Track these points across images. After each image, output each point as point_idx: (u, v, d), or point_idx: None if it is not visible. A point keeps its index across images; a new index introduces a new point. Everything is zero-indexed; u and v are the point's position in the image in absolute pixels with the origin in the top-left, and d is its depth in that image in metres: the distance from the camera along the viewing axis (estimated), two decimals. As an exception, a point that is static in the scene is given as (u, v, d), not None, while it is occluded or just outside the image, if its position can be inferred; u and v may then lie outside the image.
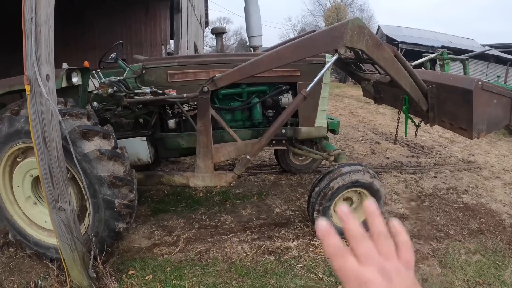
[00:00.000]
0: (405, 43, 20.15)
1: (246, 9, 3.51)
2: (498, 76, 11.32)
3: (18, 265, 2.81)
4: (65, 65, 3.54)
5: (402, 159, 5.63)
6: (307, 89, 2.95)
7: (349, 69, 4.39)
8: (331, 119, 3.92)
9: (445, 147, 6.51)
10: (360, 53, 3.62)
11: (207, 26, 22.45)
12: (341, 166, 3.17)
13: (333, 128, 3.86)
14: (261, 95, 3.49)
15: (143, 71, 3.14)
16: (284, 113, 3.02)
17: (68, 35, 8.80)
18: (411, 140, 6.68)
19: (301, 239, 3.23)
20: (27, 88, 2.03)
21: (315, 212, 3.09)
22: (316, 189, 3.13)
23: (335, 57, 3.00)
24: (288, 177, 4.71)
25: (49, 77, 2.10)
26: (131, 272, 2.74)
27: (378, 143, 6.57)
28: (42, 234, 2.86)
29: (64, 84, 2.70)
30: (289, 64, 3.21)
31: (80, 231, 2.49)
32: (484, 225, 3.63)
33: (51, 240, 2.70)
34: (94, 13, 9.20)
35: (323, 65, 3.31)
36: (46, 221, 2.79)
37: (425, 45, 19.00)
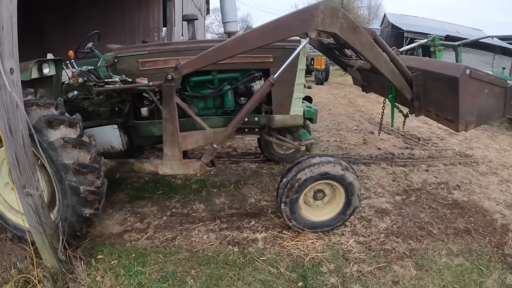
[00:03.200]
0: (410, 31, 20.36)
1: (220, -6, 3.67)
2: (503, 68, 11.25)
3: (0, 247, 3.17)
4: (49, 55, 3.84)
5: (394, 150, 5.76)
6: (275, 76, 3.03)
7: (333, 55, 4.44)
8: (309, 107, 4.03)
9: (442, 139, 6.60)
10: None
11: (208, 13, 22.80)
12: (310, 156, 3.27)
13: (310, 117, 3.96)
14: (233, 82, 3.64)
15: (115, 60, 3.38)
16: (250, 100, 3.13)
17: (61, 25, 9.38)
18: (407, 131, 6.80)
19: (270, 231, 3.40)
20: (-9, 81, 2.30)
21: (282, 204, 3.22)
22: (284, 180, 3.24)
23: (304, 42, 3.07)
24: (270, 166, 4.96)
25: (13, 70, 2.36)
26: (99, 256, 3.06)
27: (372, 133, 6.73)
28: (20, 218, 3.18)
29: (35, 75, 2.97)
30: (261, 50, 3.25)
31: (48, 216, 2.79)
32: (472, 224, 3.60)
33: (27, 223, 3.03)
34: (88, 4, 9.63)
35: None
36: (23, 206, 3.11)
37: (431, 34, 19.08)
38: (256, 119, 3.69)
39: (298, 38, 3.42)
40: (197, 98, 3.67)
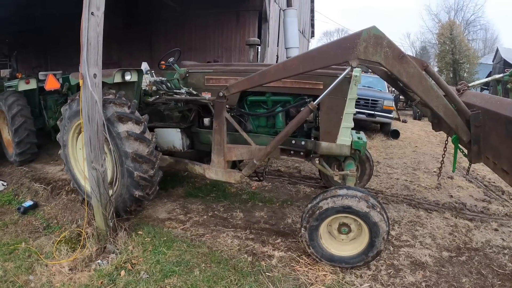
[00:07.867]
0: (523, 70, 17.23)
1: (284, 22, 4.18)
2: None
3: (71, 206, 4.35)
4: (144, 64, 5.01)
5: (468, 201, 5.22)
6: (315, 103, 3.26)
7: (399, 86, 4.31)
8: (359, 138, 4.10)
9: (533, 197, 5.51)
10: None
11: (313, 36, 25.43)
12: (339, 187, 3.39)
13: (357, 148, 3.97)
14: (285, 105, 4.06)
15: (187, 75, 4.26)
16: (289, 124, 3.42)
17: (169, 37, 12.28)
18: (493, 182, 5.97)
19: (289, 252, 3.60)
20: (80, 82, 3.33)
21: (302, 229, 3.38)
22: (309, 205, 3.42)
23: (346, 71, 3.19)
24: (325, 193, 5.16)
25: (96, 75, 3.37)
26: (140, 232, 3.87)
27: (452, 178, 6.15)
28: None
29: (118, 80, 4.02)
30: (312, 77, 3.60)
31: (106, 188, 3.74)
32: (521, 307, 3.06)
33: (95, 192, 4.08)
34: (192, 20, 12.09)
35: (349, 78, 3.54)
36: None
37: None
38: (303, 143, 3.98)
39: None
40: (251, 116, 4.23)
